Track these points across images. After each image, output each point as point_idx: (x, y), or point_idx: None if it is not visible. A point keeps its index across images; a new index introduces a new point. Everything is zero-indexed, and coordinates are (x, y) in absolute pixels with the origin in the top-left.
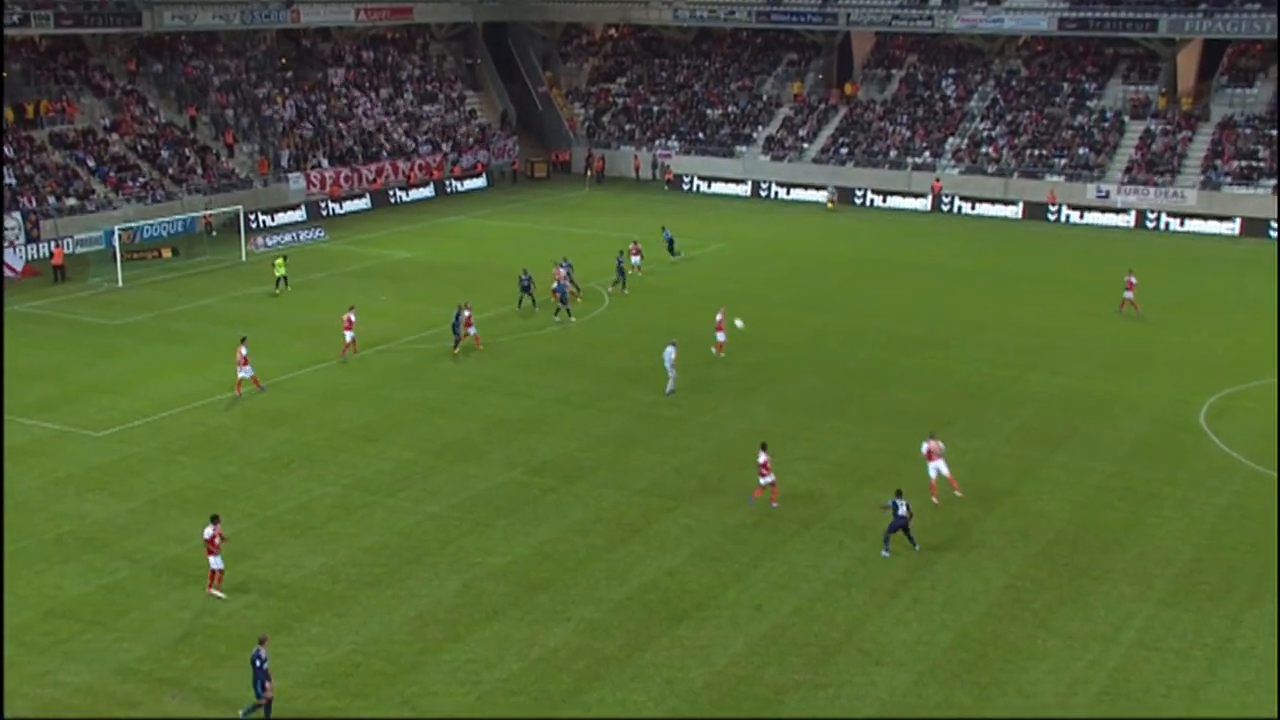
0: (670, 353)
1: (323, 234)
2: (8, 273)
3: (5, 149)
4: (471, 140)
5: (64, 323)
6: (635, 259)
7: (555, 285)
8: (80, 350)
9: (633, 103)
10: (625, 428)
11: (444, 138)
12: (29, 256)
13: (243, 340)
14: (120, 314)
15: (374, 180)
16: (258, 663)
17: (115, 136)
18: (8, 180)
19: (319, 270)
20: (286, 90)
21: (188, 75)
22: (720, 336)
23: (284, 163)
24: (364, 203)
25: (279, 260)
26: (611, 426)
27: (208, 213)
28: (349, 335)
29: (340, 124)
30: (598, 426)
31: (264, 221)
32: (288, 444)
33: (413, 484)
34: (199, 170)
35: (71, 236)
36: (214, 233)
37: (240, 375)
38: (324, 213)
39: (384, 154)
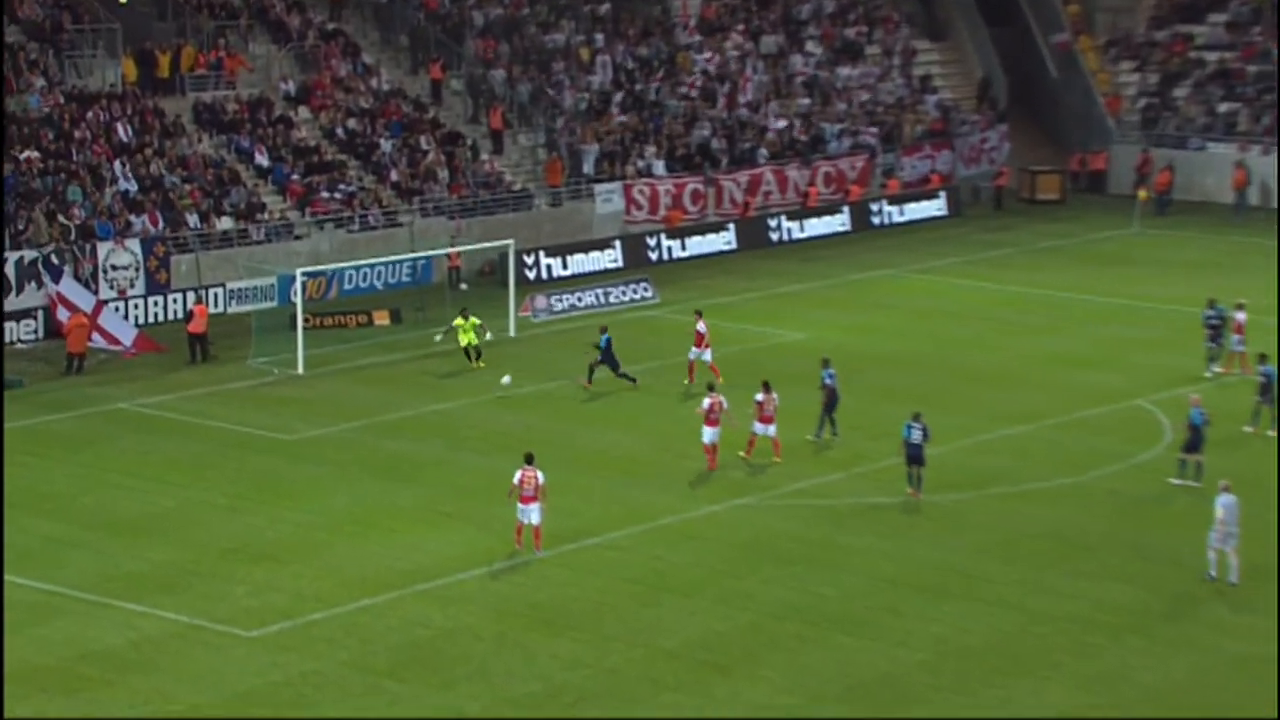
0: (1228, 504)
1: (650, 291)
2: (107, 344)
3: (120, 128)
4: (922, 131)
5: (201, 434)
6: (1236, 339)
7: (1195, 418)
8: (225, 484)
9: (1238, 60)
10: (1201, 674)
11: (873, 126)
12: (149, 318)
13: (528, 459)
14: (298, 421)
15: (742, 200)
16: None
17: (304, 112)
18: (122, 186)
19: (643, 358)
20: (598, 38)
21: (430, 9)
22: None
23: (588, 166)
24: (724, 239)
25: (462, 321)
26: (1173, 672)
27: (454, 249)
28: (709, 435)
29: (689, 100)
30: (1144, 671)
31: (549, 267)
32: (573, 669)
33: None
34: (443, 174)
35: (222, 285)
36: (464, 285)
37: (531, 519)
38: (653, 254)
39: (762, 155)
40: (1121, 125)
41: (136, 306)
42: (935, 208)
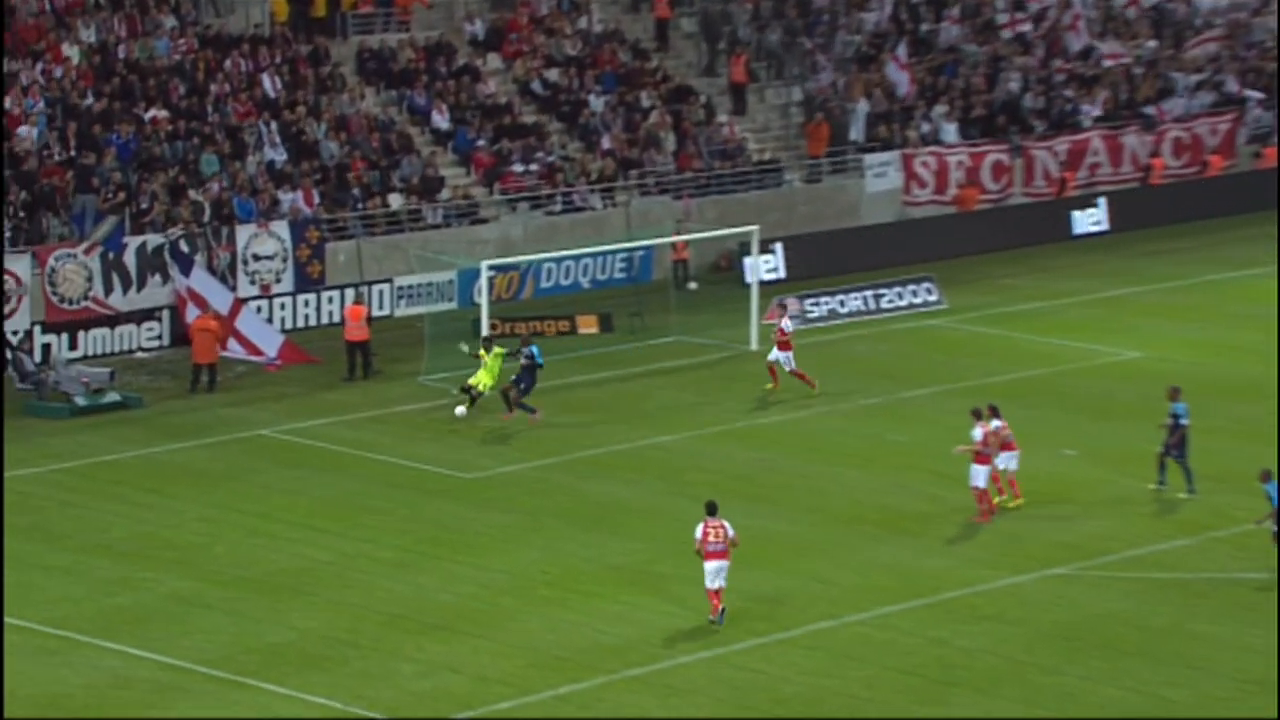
0: None
1: (934, 294)
2: (247, 354)
3: (266, 80)
4: None
5: (360, 469)
6: None
7: None
8: (390, 534)
9: None
10: None
11: (1245, 74)
12: (298, 321)
13: (711, 509)
14: (481, 455)
15: (1059, 175)
16: None
17: (494, 61)
18: (268, 154)
19: (923, 378)
20: None
21: None
22: None
23: (856, 131)
24: (1034, 223)
25: (492, 353)
26: None
27: (680, 238)
28: (980, 477)
29: (988, 41)
30: None
31: (804, 262)
32: None
33: None
34: (667, 139)
35: (389, 281)
36: (692, 283)
37: (717, 582)
38: (938, 247)
39: (1085, 113)
40: None
41: (283, 307)
42: (1090, 221)
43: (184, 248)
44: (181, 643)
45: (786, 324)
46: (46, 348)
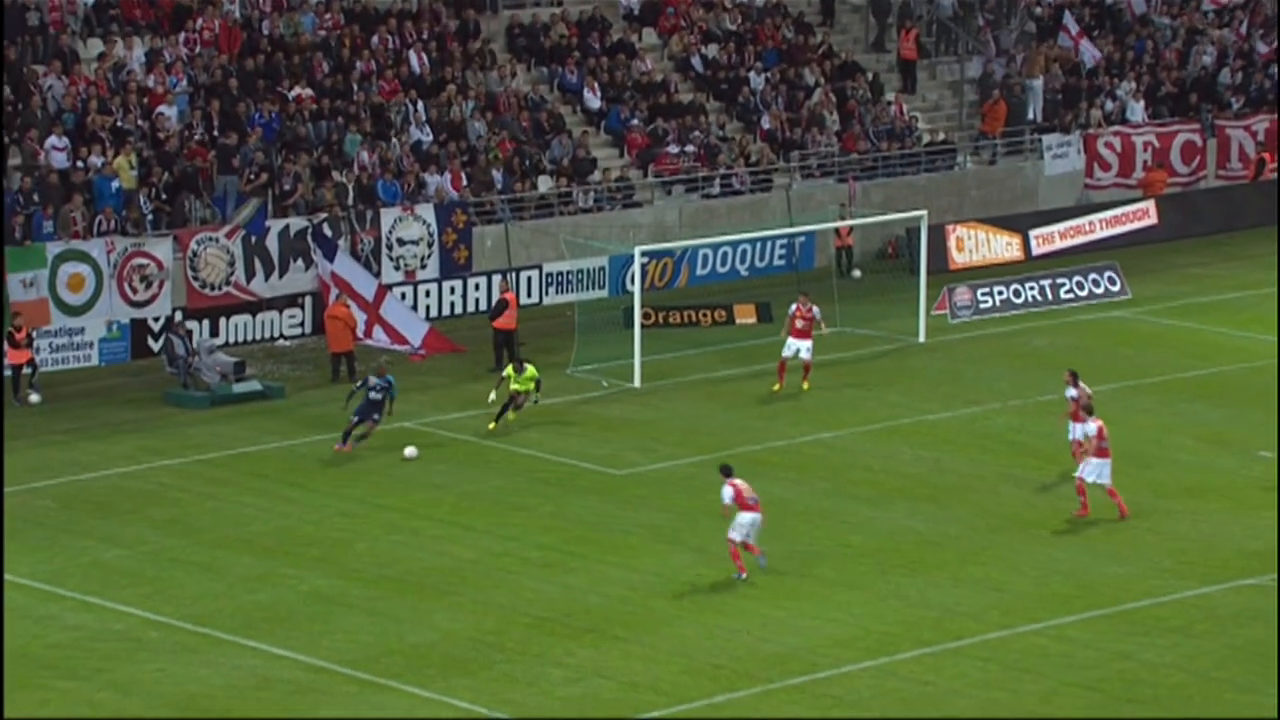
0: None
1: (1118, 284)
2: (391, 342)
3: (413, 57)
4: None
5: (507, 464)
6: None
7: None
8: (537, 532)
9: None
10: None
11: None
12: (443, 309)
13: (726, 471)
14: (633, 451)
15: (1256, 155)
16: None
17: (650, 37)
18: (414, 134)
19: (1107, 374)
20: None
21: None
22: None
23: (1034, 109)
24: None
25: (513, 374)
26: None
27: (844, 223)
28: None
29: (1182, 13)
30: None
31: (976, 245)
32: None
33: None
34: (831, 119)
35: (538, 267)
36: (856, 271)
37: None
38: (1147, 229)
39: None
40: None
41: (428, 294)
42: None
43: (327, 231)
44: (322, 643)
45: (816, 311)
46: (188, 335)
